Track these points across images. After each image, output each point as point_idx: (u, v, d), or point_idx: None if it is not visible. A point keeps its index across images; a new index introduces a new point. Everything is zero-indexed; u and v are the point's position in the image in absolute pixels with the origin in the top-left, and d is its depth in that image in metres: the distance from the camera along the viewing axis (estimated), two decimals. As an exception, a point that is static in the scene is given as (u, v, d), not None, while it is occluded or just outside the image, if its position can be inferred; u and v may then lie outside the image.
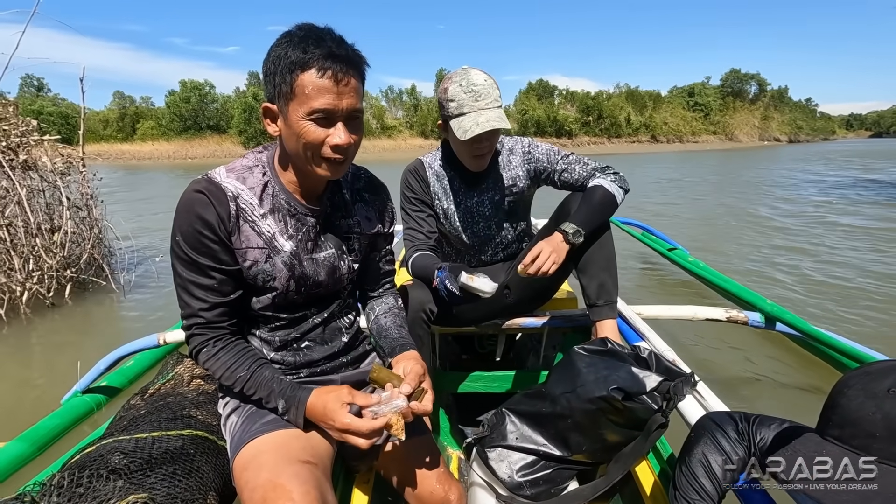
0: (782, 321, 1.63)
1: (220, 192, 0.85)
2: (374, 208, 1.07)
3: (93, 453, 0.87)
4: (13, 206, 3.57)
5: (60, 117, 33.57)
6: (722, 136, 53.60)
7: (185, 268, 0.85)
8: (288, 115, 0.81)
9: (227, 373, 0.88)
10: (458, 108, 1.36)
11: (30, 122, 3.85)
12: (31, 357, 2.90)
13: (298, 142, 0.82)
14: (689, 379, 1.12)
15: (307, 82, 0.77)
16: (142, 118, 44.92)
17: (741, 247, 5.11)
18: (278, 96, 0.81)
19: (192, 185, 0.86)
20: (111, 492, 0.77)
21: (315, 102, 0.78)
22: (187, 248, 0.84)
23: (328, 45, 0.78)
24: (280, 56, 0.79)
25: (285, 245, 0.91)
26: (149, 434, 0.94)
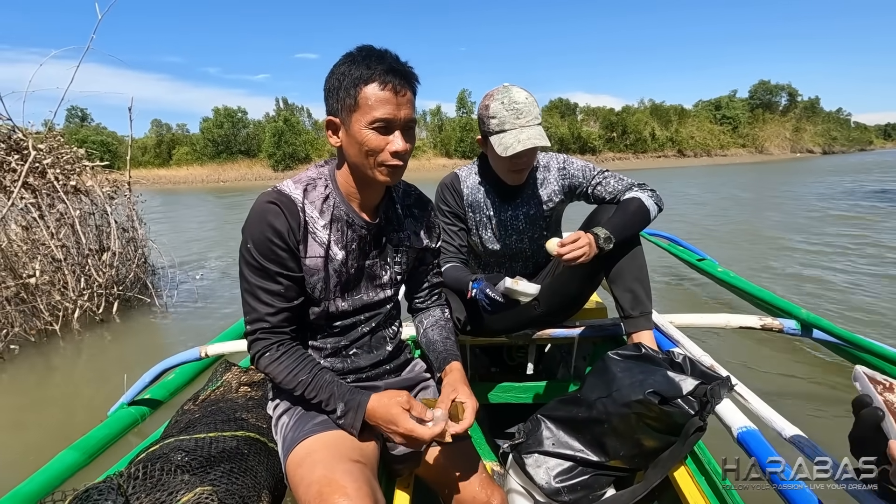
0: (819, 328, 1.60)
1: (290, 203, 0.91)
2: (422, 224, 1.12)
3: (157, 451, 0.94)
4: (66, 228, 3.81)
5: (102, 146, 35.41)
6: (752, 149, 52.35)
7: (254, 274, 0.90)
8: (351, 125, 0.87)
9: (289, 376, 0.92)
10: (499, 125, 1.40)
11: (77, 150, 4.12)
12: (82, 369, 3.07)
13: (361, 149, 0.88)
14: (727, 382, 1.13)
15: (370, 94, 0.85)
16: (177, 144, 46.96)
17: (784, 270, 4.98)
18: (342, 109, 0.88)
19: (264, 196, 0.92)
20: (180, 484, 0.83)
21: (376, 112, 0.85)
22: (258, 255, 0.89)
23: (388, 61, 0.86)
24: (344, 73, 0.86)
25: (338, 254, 0.96)
26: (206, 434, 1.00)
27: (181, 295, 4.52)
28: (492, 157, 1.52)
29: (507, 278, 1.37)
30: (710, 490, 1.08)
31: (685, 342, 1.42)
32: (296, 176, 0.98)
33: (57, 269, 3.67)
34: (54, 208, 3.78)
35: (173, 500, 0.74)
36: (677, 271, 4.51)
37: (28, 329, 3.40)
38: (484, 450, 1.82)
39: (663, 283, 4.36)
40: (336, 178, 0.98)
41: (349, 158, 0.93)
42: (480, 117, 1.47)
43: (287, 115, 44.26)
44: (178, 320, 3.89)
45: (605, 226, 1.39)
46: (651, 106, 52.97)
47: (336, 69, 0.89)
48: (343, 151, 0.93)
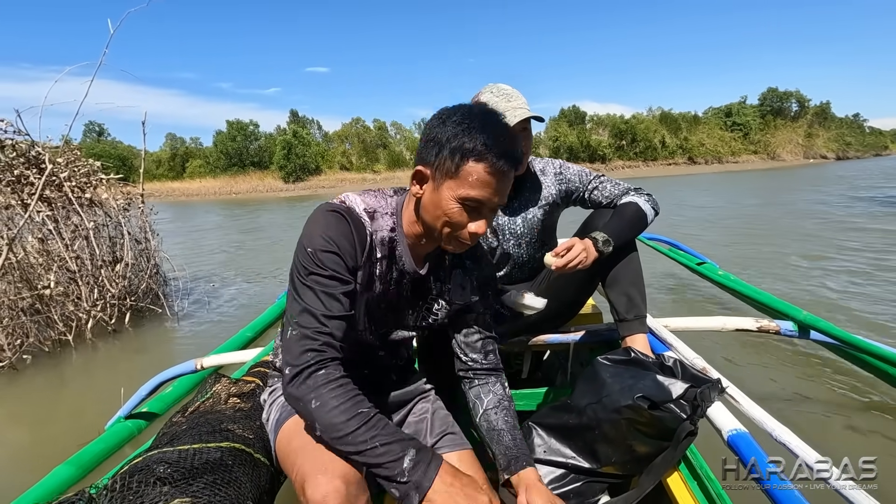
0: (817, 329, 1.59)
1: (360, 226, 0.88)
2: (472, 278, 1.07)
3: (140, 464, 0.93)
4: (81, 240, 3.91)
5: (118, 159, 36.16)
6: (764, 156, 51.82)
7: (318, 279, 0.84)
8: (441, 188, 0.84)
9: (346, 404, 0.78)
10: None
11: (94, 163, 4.24)
12: (93, 380, 3.12)
13: (440, 217, 0.86)
14: (717, 385, 1.14)
15: (474, 172, 0.81)
16: (191, 157, 47.79)
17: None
18: (438, 167, 0.84)
19: (328, 206, 0.88)
20: (158, 495, 0.82)
21: (474, 192, 0.82)
22: (318, 261, 0.84)
23: (505, 143, 0.82)
24: (457, 134, 0.82)
25: (378, 287, 0.95)
26: (190, 446, 0.98)
27: (192, 305, 4.59)
28: None
29: (513, 291, 1.39)
30: (703, 495, 1.08)
31: (679, 345, 1.42)
32: (364, 194, 0.95)
33: (71, 281, 3.76)
34: (69, 220, 3.88)
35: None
36: (676, 276, 4.48)
37: (42, 339, 3.48)
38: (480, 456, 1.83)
39: (663, 287, 4.34)
40: (402, 216, 0.94)
41: (423, 215, 0.89)
42: None
43: (297, 127, 44.86)
44: (190, 330, 3.95)
45: (602, 230, 1.41)
46: (660, 114, 52.77)
47: (448, 123, 0.84)
48: (420, 204, 0.89)
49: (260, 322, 2.96)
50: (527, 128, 1.49)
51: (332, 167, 44.19)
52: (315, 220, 0.87)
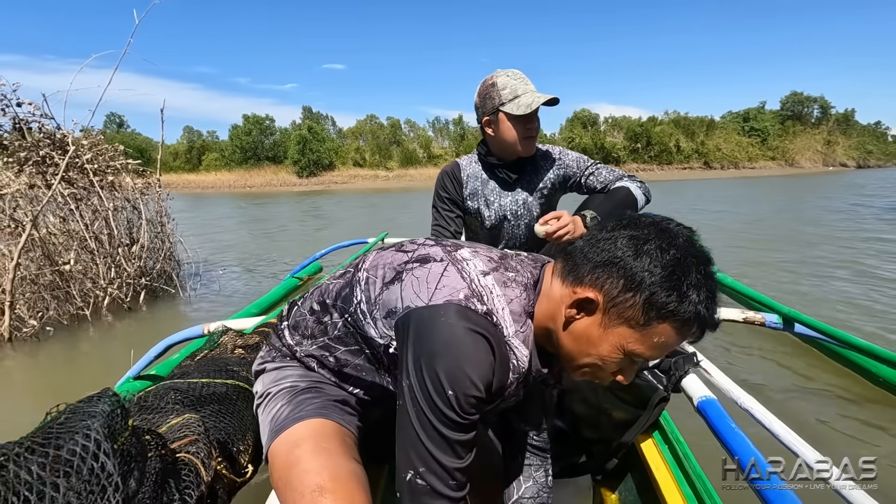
0: (801, 322, 1.64)
1: (505, 358, 0.73)
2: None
3: (152, 391, 1.03)
4: (100, 220, 4.07)
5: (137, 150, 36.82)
6: (781, 162, 51.04)
7: (453, 427, 0.68)
8: (611, 331, 0.68)
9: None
10: (512, 93, 1.50)
11: (117, 147, 4.39)
12: (108, 352, 3.26)
13: (591, 356, 0.71)
14: (692, 357, 1.20)
15: (665, 336, 0.66)
16: (207, 150, 48.47)
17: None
18: (618, 305, 0.67)
19: (474, 325, 0.69)
20: (171, 410, 0.92)
21: (651, 353, 0.69)
22: (458, 409, 0.67)
23: (714, 317, 0.67)
24: (662, 285, 0.64)
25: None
26: (199, 380, 1.08)
27: (204, 288, 4.73)
28: (503, 133, 1.56)
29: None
30: (673, 458, 1.15)
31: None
32: (507, 283, 0.75)
33: (90, 259, 3.92)
34: (90, 201, 4.03)
35: (163, 421, 0.85)
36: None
37: (61, 313, 3.64)
38: None
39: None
40: (534, 324, 0.77)
41: (565, 338, 0.73)
42: (486, 95, 1.55)
43: (311, 123, 45.29)
44: (201, 311, 4.09)
45: (592, 209, 1.48)
46: (676, 117, 52.26)
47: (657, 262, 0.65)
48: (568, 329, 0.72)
49: (265, 300, 3.14)
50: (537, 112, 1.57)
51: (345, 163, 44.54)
52: (458, 348, 0.67)
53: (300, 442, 0.74)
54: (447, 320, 0.67)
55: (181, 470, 0.74)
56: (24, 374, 2.96)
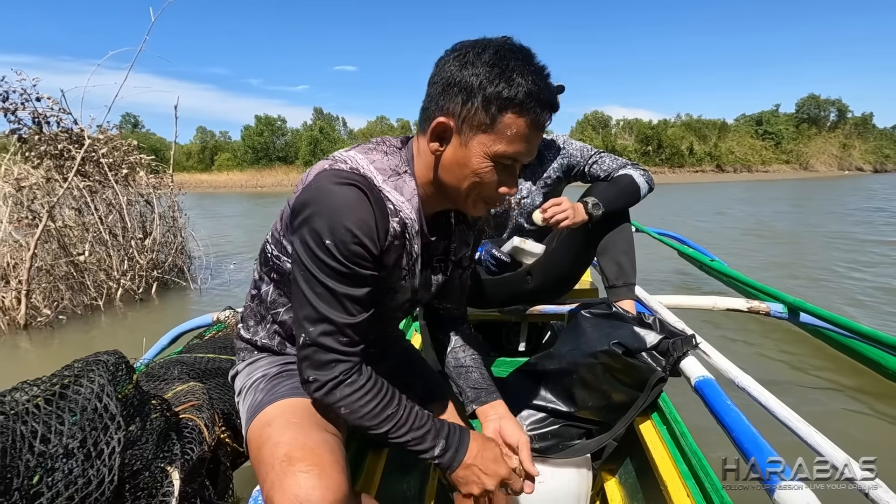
0: (806, 311, 1.63)
1: (381, 201, 0.73)
2: (471, 230, 0.99)
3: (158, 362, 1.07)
4: (114, 213, 4.15)
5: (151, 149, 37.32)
6: (796, 166, 50.37)
7: (336, 278, 0.71)
8: (470, 144, 0.71)
9: (374, 408, 0.75)
10: None
11: (131, 142, 4.48)
12: (120, 341, 3.33)
13: (468, 177, 0.74)
14: (690, 339, 1.20)
15: (515, 125, 0.70)
16: (220, 150, 49.06)
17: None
18: (465, 119, 0.70)
19: (340, 177, 0.71)
20: (177, 378, 0.96)
21: (511, 148, 0.71)
22: (341, 257, 0.70)
23: (550, 89, 0.71)
24: (492, 80, 0.68)
25: (401, 262, 0.82)
26: (205, 354, 1.12)
27: (214, 281, 4.80)
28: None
29: (515, 237, 1.46)
30: (671, 439, 1.15)
31: (664, 313, 1.49)
32: (369, 152, 0.78)
33: (104, 251, 4.00)
34: (104, 195, 4.12)
35: (169, 388, 0.88)
36: (684, 272, 4.48)
37: (75, 303, 3.72)
38: (475, 422, 1.92)
39: (669, 282, 4.36)
40: (416, 175, 0.80)
41: (443, 175, 0.76)
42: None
43: (322, 124, 45.69)
44: (210, 303, 4.15)
45: (594, 195, 1.48)
46: (688, 120, 51.84)
47: (478, 64, 0.69)
48: (439, 162, 0.76)
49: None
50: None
51: (356, 164, 44.78)
52: (325, 197, 0.70)
53: (271, 421, 0.75)
54: (317, 185, 0.71)
55: (184, 428, 0.76)
56: (38, 360, 3.04)
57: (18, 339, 3.27)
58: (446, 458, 0.78)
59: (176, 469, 0.62)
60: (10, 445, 0.46)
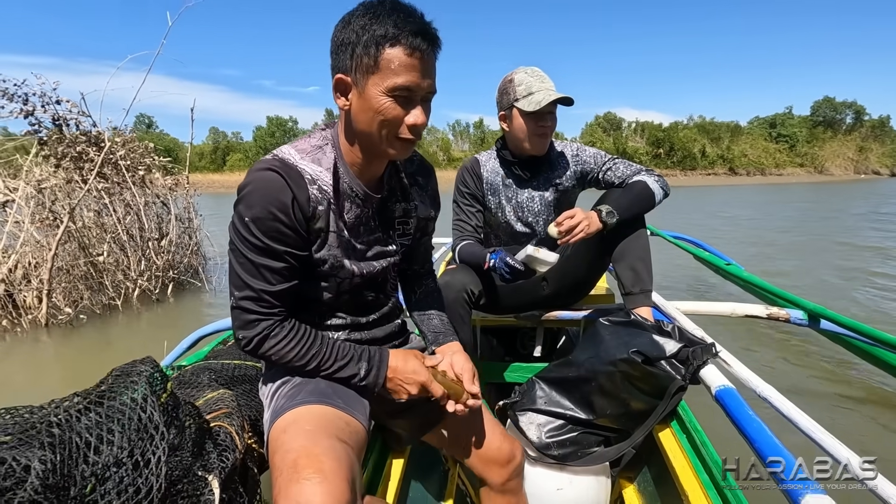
0: (826, 318, 1.61)
1: (297, 176, 0.82)
2: (427, 193, 1.06)
3: (189, 369, 1.09)
4: (132, 214, 4.22)
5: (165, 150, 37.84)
6: (810, 169, 49.69)
7: (255, 251, 0.81)
8: (366, 88, 0.78)
9: (300, 350, 0.86)
10: (526, 90, 1.53)
11: (148, 144, 4.56)
12: (137, 339, 3.39)
13: (374, 118, 0.80)
14: (710, 348, 1.20)
15: (394, 57, 0.76)
16: (232, 151, 49.65)
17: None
18: (356, 69, 0.78)
19: (263, 164, 0.82)
20: (207, 385, 0.98)
21: (400, 79, 0.77)
22: (259, 233, 0.79)
23: (418, 21, 0.78)
24: (365, 27, 0.76)
25: (344, 230, 0.90)
26: (231, 361, 1.14)
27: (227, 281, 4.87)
28: (515, 129, 1.61)
29: (528, 245, 1.46)
30: (692, 448, 1.15)
31: (682, 320, 1.48)
32: (297, 142, 0.89)
33: (121, 251, 4.07)
34: (122, 196, 4.19)
35: (200, 395, 0.90)
36: (700, 278, 4.45)
37: (94, 302, 3.78)
38: None
39: (685, 286, 4.33)
40: (340, 145, 0.89)
41: (357, 125, 0.83)
42: (504, 91, 1.60)
43: (335, 125, 46.04)
44: (224, 303, 4.20)
45: (608, 203, 1.47)
46: (701, 122, 51.35)
47: (353, 20, 0.78)
48: (351, 116, 0.83)
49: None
50: (553, 111, 1.58)
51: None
52: (248, 186, 0.80)
53: (286, 428, 0.79)
54: (246, 176, 0.82)
55: (217, 436, 0.78)
56: (57, 358, 3.10)
57: (39, 337, 3.33)
58: (371, 376, 0.89)
59: (215, 478, 0.64)
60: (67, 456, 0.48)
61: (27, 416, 0.59)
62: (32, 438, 0.54)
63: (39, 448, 0.51)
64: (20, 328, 3.41)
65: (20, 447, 0.54)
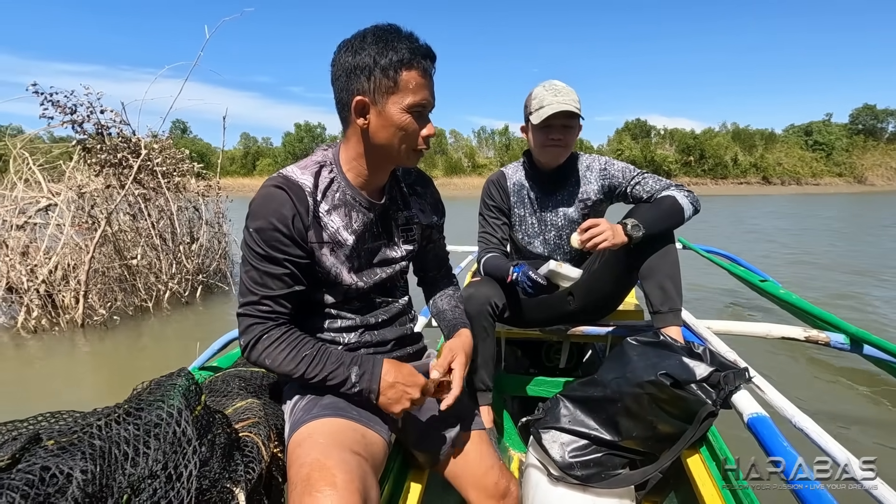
0: (870, 343, 1.53)
1: (298, 189, 0.89)
2: (426, 201, 1.13)
3: (220, 377, 1.12)
4: (165, 219, 4.37)
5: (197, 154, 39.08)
6: (849, 179, 47.79)
7: (258, 259, 0.88)
8: (386, 107, 0.87)
9: (290, 353, 0.89)
10: (538, 103, 1.55)
11: (184, 151, 4.71)
12: (168, 341, 3.49)
13: (396, 133, 0.89)
14: (743, 373, 1.16)
15: (411, 78, 0.86)
16: (261, 156, 50.96)
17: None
18: (375, 90, 0.86)
19: (270, 181, 0.90)
20: (236, 394, 1.00)
21: (417, 97, 0.87)
22: (262, 242, 0.87)
23: (424, 45, 0.89)
24: (381, 52, 0.85)
25: (348, 238, 0.95)
26: (260, 370, 1.15)
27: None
28: (531, 141, 1.64)
29: (551, 261, 1.45)
30: (721, 477, 1.11)
31: (713, 340, 1.44)
32: (300, 162, 0.97)
33: (154, 255, 4.21)
34: (156, 202, 4.34)
35: (230, 404, 0.92)
36: (733, 292, 4.32)
37: (127, 304, 3.92)
38: (514, 440, 1.90)
39: (719, 302, 4.21)
40: (341, 162, 0.97)
41: (376, 140, 0.91)
42: (525, 105, 1.64)
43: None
44: (251, 308, 4.30)
45: (635, 216, 1.44)
46: (734, 130, 50.07)
47: (366, 47, 0.86)
48: (369, 133, 0.91)
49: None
50: (570, 125, 1.57)
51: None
52: (254, 199, 0.89)
53: (302, 441, 0.82)
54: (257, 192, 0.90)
55: (245, 446, 0.80)
56: (93, 357, 3.22)
57: (76, 337, 3.47)
58: (364, 380, 0.90)
59: (241, 490, 0.65)
60: (106, 467, 0.49)
61: (71, 423, 0.62)
62: (74, 447, 0.56)
63: (81, 458, 0.54)
64: (58, 327, 3.56)
65: (63, 455, 0.56)
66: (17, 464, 0.53)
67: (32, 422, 0.64)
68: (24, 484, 0.50)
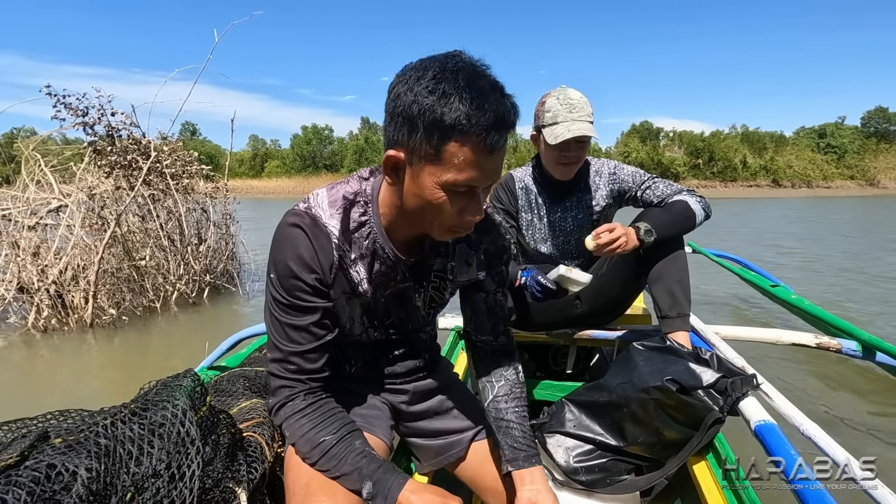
0: (883, 350, 1.51)
1: (321, 233, 0.77)
2: (478, 252, 0.92)
3: (226, 377, 1.13)
4: (173, 221, 4.41)
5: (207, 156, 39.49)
6: (862, 182, 47.22)
7: (280, 308, 0.78)
8: (421, 175, 0.68)
9: (309, 433, 0.78)
10: (552, 118, 1.52)
11: (193, 153, 4.76)
12: (176, 341, 3.52)
13: (425, 208, 0.71)
14: (751, 379, 1.15)
15: (460, 153, 0.64)
16: (270, 158, 51.32)
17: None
18: (413, 150, 0.66)
19: (292, 218, 0.77)
20: (241, 394, 1.01)
21: (462, 176, 0.66)
22: (281, 290, 0.77)
23: (495, 107, 0.64)
24: (431, 107, 0.63)
25: (368, 290, 0.84)
26: (264, 369, 1.16)
27: (261, 286, 5.00)
28: (543, 152, 1.62)
29: (561, 266, 1.45)
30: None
31: (721, 346, 1.43)
32: (332, 187, 0.82)
33: (162, 256, 4.25)
34: (165, 203, 4.39)
35: (235, 404, 0.93)
36: (744, 296, 4.27)
37: (135, 304, 3.96)
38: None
39: (729, 306, 4.17)
40: (379, 201, 0.81)
41: (406, 204, 0.74)
42: (536, 113, 1.60)
43: (368, 133, 46.92)
44: (258, 308, 4.32)
45: (647, 221, 1.43)
46: (743, 132, 49.68)
47: (416, 88, 0.64)
48: (402, 193, 0.73)
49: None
50: (584, 140, 1.55)
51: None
52: (275, 238, 0.78)
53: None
54: (278, 228, 0.78)
55: (248, 446, 0.80)
56: (101, 356, 3.26)
57: (85, 336, 3.51)
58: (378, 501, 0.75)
59: (244, 490, 0.66)
60: (111, 465, 0.50)
61: (78, 421, 0.63)
62: (81, 445, 0.57)
63: (87, 457, 0.54)
64: (67, 327, 3.60)
65: (69, 453, 0.57)
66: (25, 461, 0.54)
67: (41, 420, 0.65)
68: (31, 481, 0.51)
